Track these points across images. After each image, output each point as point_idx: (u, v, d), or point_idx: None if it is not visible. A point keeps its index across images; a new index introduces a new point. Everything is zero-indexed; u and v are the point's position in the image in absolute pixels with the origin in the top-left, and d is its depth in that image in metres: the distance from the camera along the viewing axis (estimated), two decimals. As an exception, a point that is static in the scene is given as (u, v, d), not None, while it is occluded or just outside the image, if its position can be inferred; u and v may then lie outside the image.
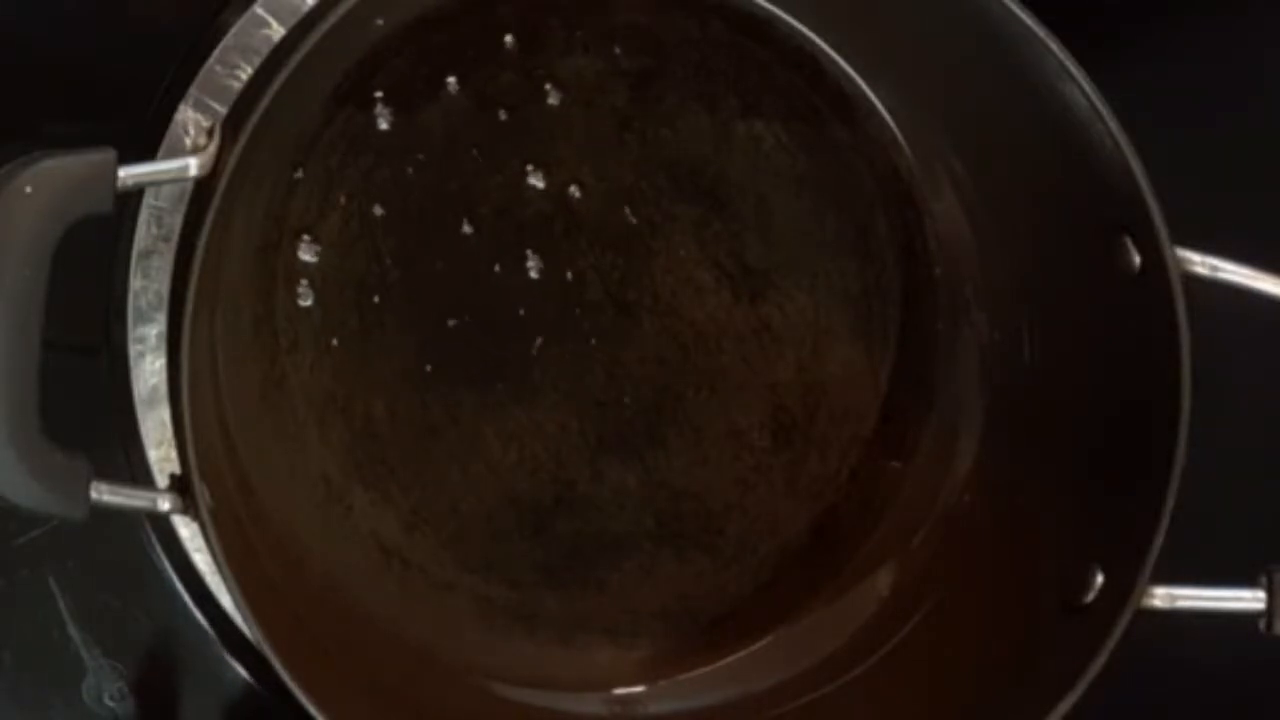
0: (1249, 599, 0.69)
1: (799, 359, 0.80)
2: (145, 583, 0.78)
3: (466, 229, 0.78)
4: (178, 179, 0.66)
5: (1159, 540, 0.68)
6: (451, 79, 0.77)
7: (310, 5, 0.75)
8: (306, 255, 0.76)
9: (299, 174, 0.76)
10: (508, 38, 0.77)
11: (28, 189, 0.62)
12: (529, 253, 0.78)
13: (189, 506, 0.65)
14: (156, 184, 0.71)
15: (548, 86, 0.78)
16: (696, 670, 0.80)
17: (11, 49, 0.76)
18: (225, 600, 0.77)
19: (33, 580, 0.78)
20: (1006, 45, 0.68)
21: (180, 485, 0.65)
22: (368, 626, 0.77)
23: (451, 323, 0.78)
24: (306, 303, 0.77)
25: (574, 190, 0.78)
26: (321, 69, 0.71)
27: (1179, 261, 0.68)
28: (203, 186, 0.66)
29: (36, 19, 0.77)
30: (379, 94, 0.76)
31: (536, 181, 0.78)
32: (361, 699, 0.72)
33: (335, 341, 0.77)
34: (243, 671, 0.78)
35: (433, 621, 0.79)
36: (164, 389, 0.75)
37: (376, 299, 0.77)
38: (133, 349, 0.77)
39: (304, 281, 0.77)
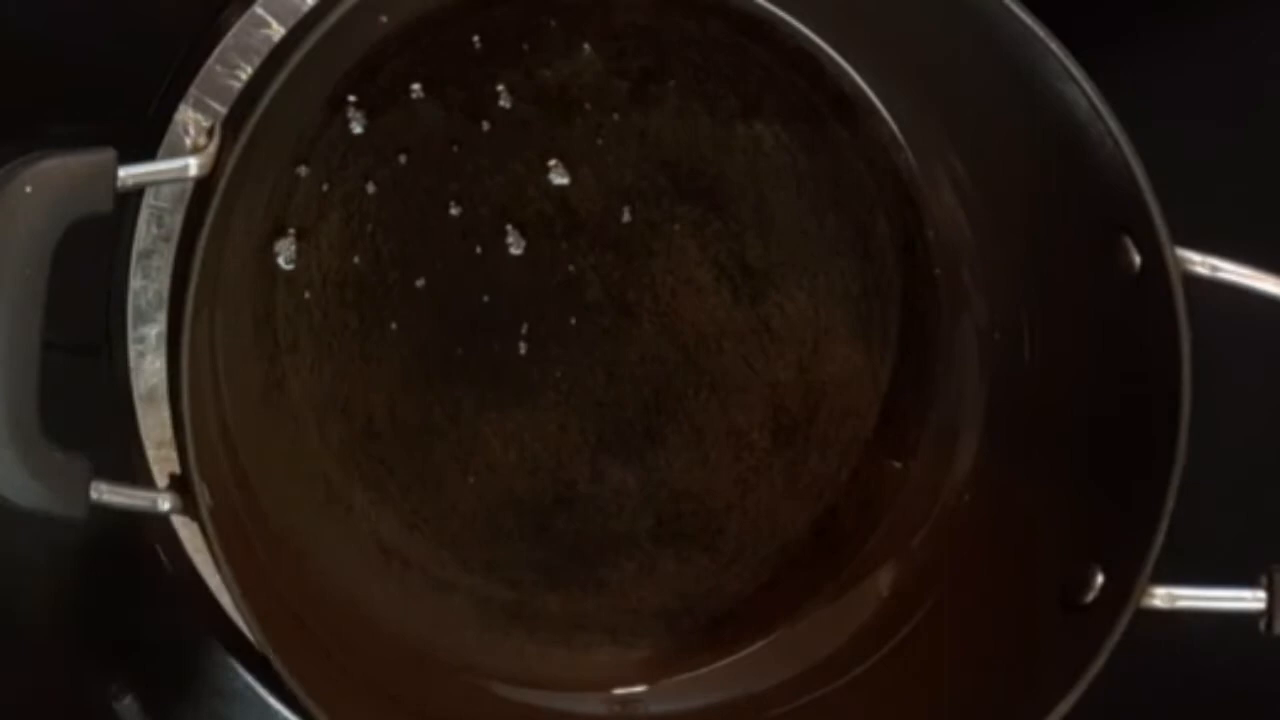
0: (1249, 599, 0.69)
1: (799, 359, 0.80)
2: (145, 583, 0.78)
3: (466, 229, 0.78)
4: (178, 179, 0.66)
5: (1159, 540, 0.68)
6: (451, 79, 0.77)
7: (310, 5, 0.75)
8: (307, 254, 0.76)
9: (300, 173, 0.76)
10: (507, 38, 0.77)
11: (28, 189, 0.62)
12: (530, 253, 0.78)
13: (189, 506, 0.65)
14: (156, 184, 0.71)
15: (547, 87, 0.78)
16: (696, 670, 0.80)
17: (11, 49, 0.76)
18: (225, 600, 0.77)
19: (33, 580, 0.78)
20: (1006, 45, 0.68)
21: (180, 485, 0.65)
22: (368, 626, 0.77)
23: (451, 323, 0.78)
24: (307, 303, 0.77)
25: (574, 190, 0.78)
26: (321, 69, 0.71)
27: (1179, 261, 0.68)
28: (203, 186, 0.66)
29: (36, 19, 0.77)
30: (379, 94, 0.76)
31: (537, 181, 0.78)
32: (361, 699, 0.72)
33: (335, 341, 0.77)
34: (243, 671, 0.78)
35: (433, 621, 0.79)
36: (164, 389, 0.75)
37: (376, 299, 0.77)
38: (133, 349, 0.77)
39: (304, 281, 0.77)
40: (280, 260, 0.76)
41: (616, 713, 0.79)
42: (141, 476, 0.76)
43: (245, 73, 0.76)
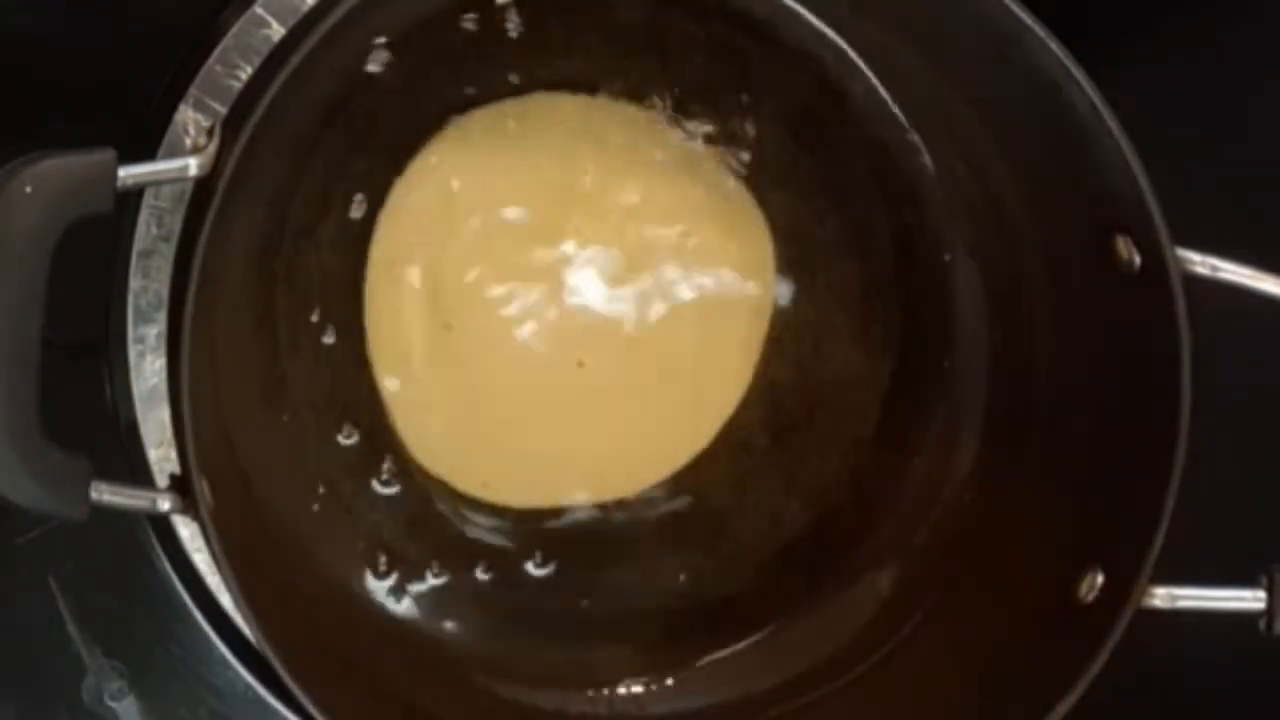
0: (1249, 599, 0.69)
1: (799, 359, 0.80)
2: (145, 583, 0.78)
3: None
4: (178, 179, 0.66)
5: (1159, 540, 0.68)
6: (452, 80, 0.77)
7: (310, 5, 0.75)
8: (307, 254, 0.76)
9: (300, 172, 0.76)
10: (508, 38, 0.77)
11: (28, 188, 0.62)
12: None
13: (189, 506, 0.65)
14: (156, 184, 0.71)
15: (546, 86, 0.78)
16: (696, 670, 0.80)
17: (12, 49, 0.76)
18: (225, 600, 0.77)
19: (33, 580, 0.78)
20: (1006, 45, 0.68)
21: (180, 485, 0.65)
22: (367, 626, 0.77)
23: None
24: (307, 302, 0.77)
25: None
26: (321, 69, 0.71)
27: (1179, 261, 0.68)
28: (203, 186, 0.66)
29: (37, 18, 0.77)
30: (379, 93, 0.76)
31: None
32: (362, 699, 0.72)
33: (334, 342, 0.77)
34: (243, 671, 0.78)
35: (432, 621, 0.79)
36: (164, 389, 0.75)
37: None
38: (133, 349, 0.77)
39: (304, 281, 0.77)
40: (280, 260, 0.76)
41: (617, 712, 0.79)
42: (141, 476, 0.76)
43: (245, 73, 0.76)
